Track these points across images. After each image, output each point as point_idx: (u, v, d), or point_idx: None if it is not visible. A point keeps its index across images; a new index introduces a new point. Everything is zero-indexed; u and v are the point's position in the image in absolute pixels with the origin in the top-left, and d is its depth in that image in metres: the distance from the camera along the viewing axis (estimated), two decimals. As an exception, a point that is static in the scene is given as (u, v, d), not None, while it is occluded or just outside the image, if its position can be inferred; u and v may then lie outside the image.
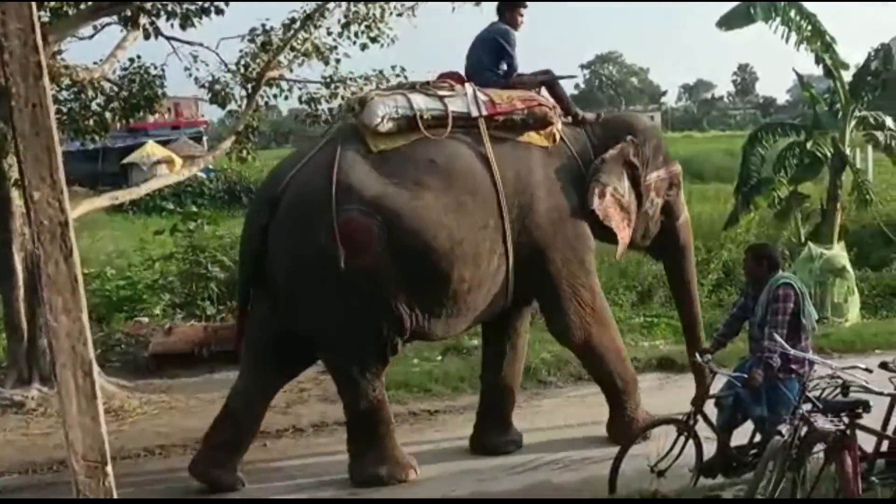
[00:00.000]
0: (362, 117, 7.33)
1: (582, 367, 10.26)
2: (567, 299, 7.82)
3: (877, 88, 14.05)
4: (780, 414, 6.19)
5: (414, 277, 7.16)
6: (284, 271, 7.19)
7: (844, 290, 13.68)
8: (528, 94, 7.85)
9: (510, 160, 7.56)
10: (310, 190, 7.10)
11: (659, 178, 8.37)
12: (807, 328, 6.61)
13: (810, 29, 14.14)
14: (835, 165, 14.38)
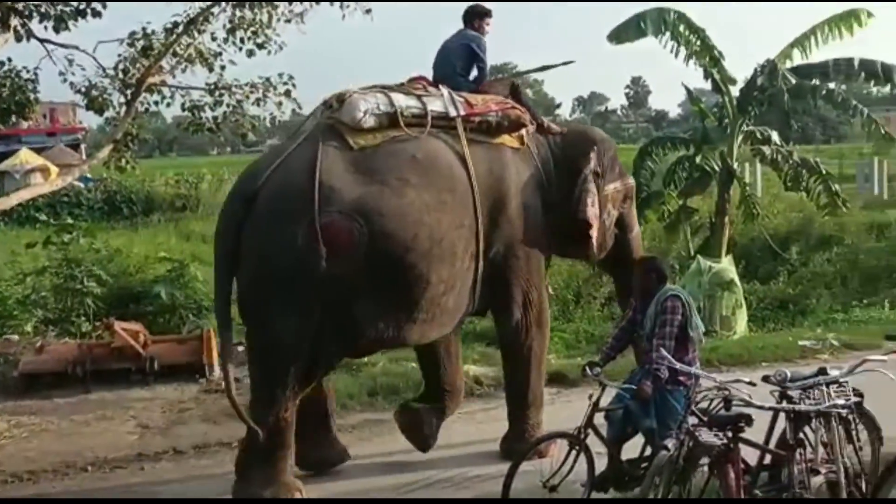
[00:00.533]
0: (342, 114, 7.31)
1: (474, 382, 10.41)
2: (520, 299, 7.96)
3: (763, 104, 14.58)
4: (669, 426, 6.29)
5: (391, 281, 7.07)
6: (253, 271, 6.97)
7: (732, 303, 14.10)
8: (500, 98, 8.05)
9: (484, 160, 7.67)
10: (290, 188, 6.94)
11: (615, 190, 8.55)
12: (694, 340, 6.77)
13: (699, 44, 14.62)
14: (723, 179, 14.86)
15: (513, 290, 7.92)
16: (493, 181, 7.65)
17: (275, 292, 6.86)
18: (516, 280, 7.90)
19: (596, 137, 8.58)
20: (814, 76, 14.69)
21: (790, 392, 6.06)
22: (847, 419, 6.12)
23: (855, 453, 6.19)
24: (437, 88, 7.86)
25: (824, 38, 14.62)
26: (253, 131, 12.62)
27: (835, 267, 19.93)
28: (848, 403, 6.05)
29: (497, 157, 7.80)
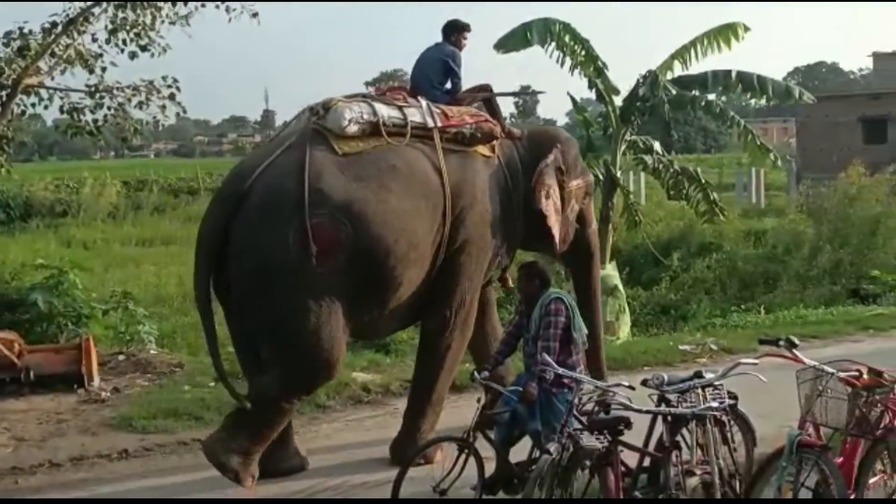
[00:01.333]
0: (327, 121, 7.64)
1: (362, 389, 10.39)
2: (455, 299, 8.18)
3: (645, 114, 14.93)
4: (555, 428, 6.39)
5: (371, 280, 7.47)
6: (246, 270, 7.29)
7: (616, 309, 14.36)
8: (474, 111, 8.50)
9: (457, 169, 8.07)
10: (280, 190, 7.25)
11: (577, 186, 8.98)
12: (577, 342, 6.93)
13: (584, 54, 14.88)
14: (607, 188, 15.15)
15: (452, 289, 8.15)
16: (463, 189, 8.05)
17: (267, 286, 7.18)
18: (458, 280, 8.14)
19: (559, 137, 9.09)
20: (694, 87, 15.11)
21: (668, 395, 6.23)
22: (722, 421, 6.33)
23: (730, 454, 6.41)
24: (415, 99, 8.25)
25: (703, 51, 15.05)
26: (136, 135, 12.36)
27: (714, 273, 20.53)
28: (723, 406, 6.26)
29: (469, 165, 8.21)
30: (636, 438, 6.25)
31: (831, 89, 51.50)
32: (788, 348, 6.11)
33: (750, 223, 26.22)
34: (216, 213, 7.55)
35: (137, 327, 12.55)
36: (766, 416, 7.41)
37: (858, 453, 5.91)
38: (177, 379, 11.02)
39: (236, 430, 7.42)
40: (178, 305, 17.99)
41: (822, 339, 13.25)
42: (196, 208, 37.64)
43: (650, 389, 6.32)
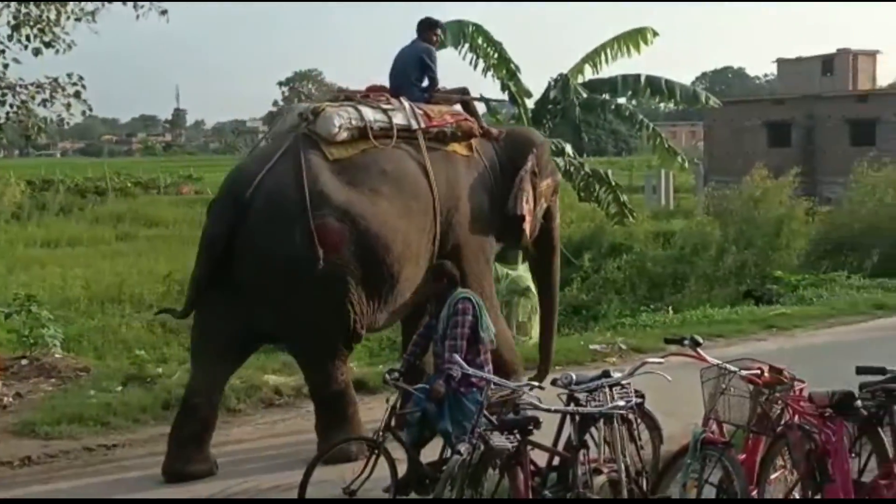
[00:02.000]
0: (317, 127, 8.06)
1: (274, 393, 10.29)
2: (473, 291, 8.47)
3: (556, 116, 15.11)
4: (465, 426, 6.44)
5: (371, 275, 7.94)
6: (258, 271, 7.68)
7: (528, 309, 14.45)
8: (454, 110, 9.01)
9: (441, 168, 8.55)
10: (283, 195, 7.69)
11: (547, 186, 9.53)
12: (485, 341, 6.96)
13: (497, 56, 15.00)
14: (519, 189, 15.26)
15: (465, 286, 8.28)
16: (449, 188, 8.56)
17: (277, 284, 7.62)
18: (466, 276, 8.38)
19: (535, 140, 9.66)
20: (604, 91, 15.38)
21: (577, 395, 6.31)
22: (629, 419, 6.43)
23: (636, 452, 6.51)
24: (397, 100, 8.64)
25: (614, 55, 15.32)
26: (40, 133, 12.03)
27: (624, 274, 20.86)
28: (630, 404, 6.36)
29: (451, 164, 8.70)
30: (546, 437, 6.32)
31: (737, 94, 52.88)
32: (693, 347, 6.24)
33: (659, 225, 26.73)
34: (220, 218, 7.86)
35: (41, 331, 12.20)
36: (673, 413, 7.55)
37: (760, 450, 6.06)
38: (82, 384, 10.76)
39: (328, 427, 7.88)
40: (85, 308, 17.62)
41: (727, 339, 13.55)
42: (105, 209, 37.00)
43: (559, 389, 6.38)
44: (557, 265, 10.07)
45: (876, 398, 5.80)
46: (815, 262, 21.60)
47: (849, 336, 13.83)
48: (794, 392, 6.03)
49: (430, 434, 6.94)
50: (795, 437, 5.83)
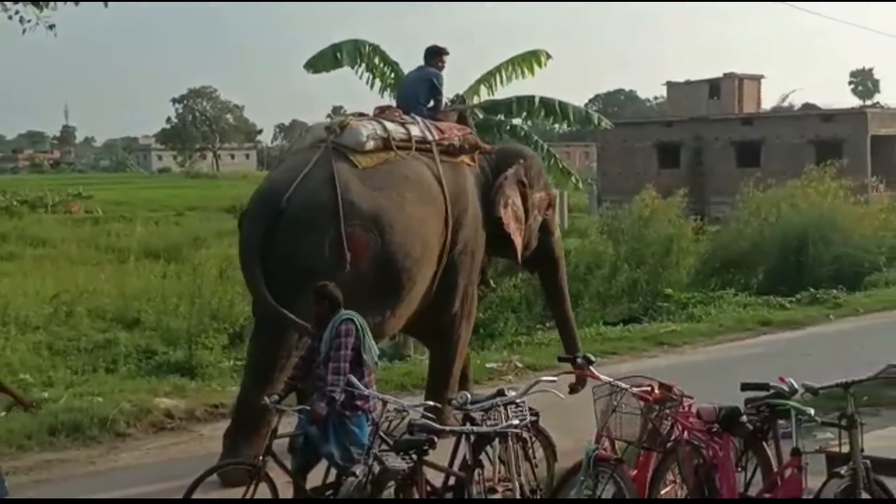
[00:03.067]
0: (345, 138, 8.64)
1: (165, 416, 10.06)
2: (461, 296, 9.37)
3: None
4: (349, 450, 6.42)
5: (391, 281, 8.50)
6: (287, 275, 8.06)
7: (426, 329, 14.46)
8: (460, 125, 9.68)
9: (452, 178, 9.16)
10: (316, 202, 8.21)
11: (540, 198, 10.02)
12: (368, 364, 6.85)
13: (393, 76, 15.01)
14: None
15: (457, 285, 9.28)
16: (458, 195, 9.16)
17: (305, 289, 7.52)
18: (461, 277, 9.28)
19: (524, 154, 10.34)
20: (499, 112, 15.50)
21: (472, 414, 6.32)
22: (524, 437, 6.47)
23: (531, 469, 6.56)
24: (410, 117, 9.30)
25: (508, 77, 15.47)
26: None
27: (520, 292, 20.97)
28: (524, 423, 6.40)
29: (460, 174, 9.32)
30: (443, 457, 6.31)
31: (629, 116, 54.00)
32: (586, 365, 6.33)
33: (555, 244, 26.94)
34: (257, 224, 8.29)
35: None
36: (566, 430, 7.63)
37: (651, 465, 6.17)
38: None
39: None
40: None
41: (619, 356, 13.81)
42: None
43: (456, 410, 6.38)
44: (563, 277, 10.52)
45: (760, 413, 5.97)
46: (703, 279, 22.14)
47: (736, 352, 14.23)
48: (683, 408, 6.17)
49: (316, 458, 6.83)
50: (684, 452, 5.96)
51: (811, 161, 31.56)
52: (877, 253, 22.58)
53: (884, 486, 5.48)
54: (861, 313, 17.41)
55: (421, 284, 8.83)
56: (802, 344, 14.53)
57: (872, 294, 19.40)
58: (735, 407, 5.85)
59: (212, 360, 13.44)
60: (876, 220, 23.81)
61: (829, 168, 24.99)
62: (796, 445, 5.48)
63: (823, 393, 5.92)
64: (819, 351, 13.61)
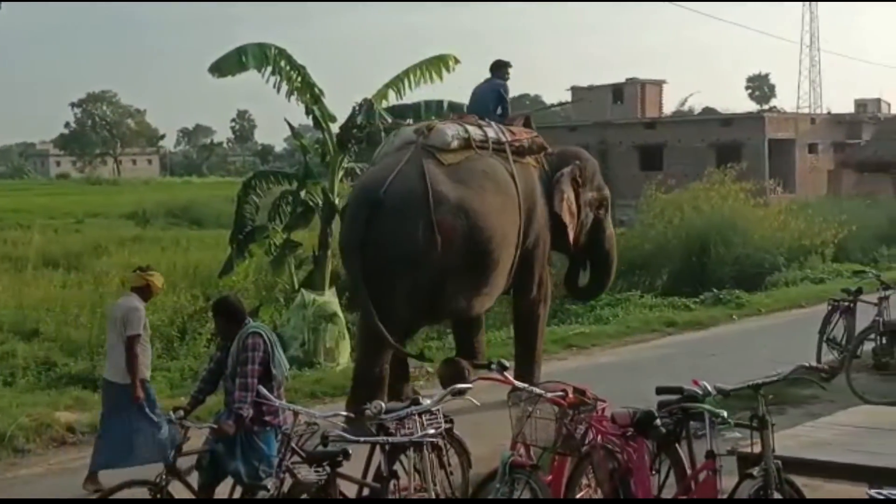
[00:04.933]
0: (432, 139, 10.00)
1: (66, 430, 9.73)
2: (538, 281, 10.73)
3: (362, 141, 14.98)
4: (256, 467, 6.28)
5: (477, 264, 9.75)
6: (388, 255, 9.39)
7: (336, 335, 14.28)
8: (527, 129, 10.91)
9: (522, 175, 10.37)
10: (410, 194, 9.51)
11: (592, 198, 11.27)
12: (277, 378, 6.67)
13: (300, 80, 14.79)
14: (325, 214, 15.09)
15: (534, 272, 10.64)
16: (528, 191, 10.38)
17: (401, 271, 9.38)
18: (537, 265, 10.64)
19: (580, 155, 11.40)
20: (408, 116, 15.35)
21: (386, 424, 6.21)
22: (439, 446, 6.38)
23: (446, 478, 6.47)
24: (484, 121, 10.54)
25: (417, 81, 15.35)
26: None
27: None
28: (439, 431, 6.31)
29: (529, 173, 10.54)
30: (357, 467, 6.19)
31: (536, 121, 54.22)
32: (500, 371, 6.28)
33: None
34: (359, 214, 9.65)
35: None
36: (481, 435, 7.59)
37: (566, 470, 6.15)
38: None
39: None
40: None
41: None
42: None
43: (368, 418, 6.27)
44: (611, 272, 12.08)
45: (673, 416, 5.99)
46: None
47: (643, 353, 14.41)
48: (598, 412, 6.17)
49: (222, 475, 6.63)
50: (599, 456, 5.96)
51: (712, 164, 32.32)
52: (776, 254, 23.14)
53: (795, 486, 5.54)
54: (763, 313, 17.80)
55: (502, 267, 10.01)
56: (707, 344, 14.80)
57: (773, 294, 19.86)
58: (649, 411, 5.86)
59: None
60: (775, 221, 24.39)
61: (730, 171, 25.57)
62: (711, 448, 5.51)
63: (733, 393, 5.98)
64: (724, 351, 13.87)
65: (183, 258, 22.52)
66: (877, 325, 10.86)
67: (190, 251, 24.91)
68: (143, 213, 43.14)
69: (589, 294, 13.23)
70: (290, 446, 5.94)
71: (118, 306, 8.56)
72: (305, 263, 16.09)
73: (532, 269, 10.57)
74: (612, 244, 11.87)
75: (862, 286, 11.90)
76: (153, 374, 13.45)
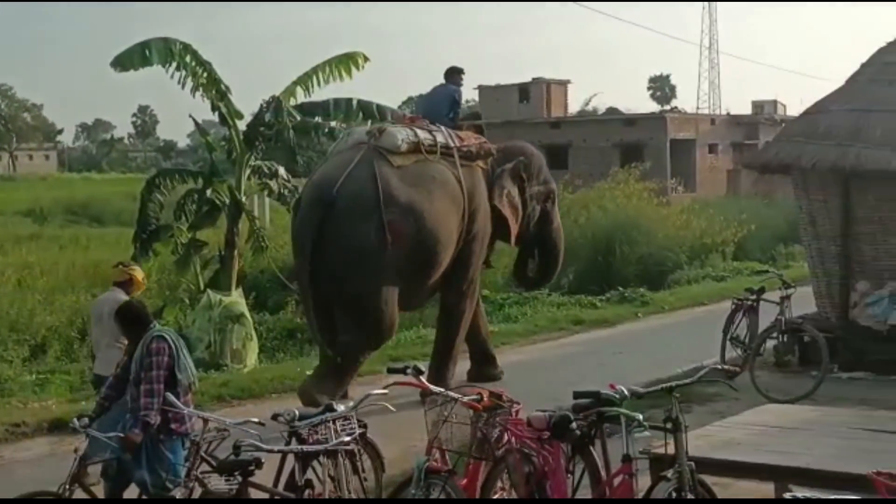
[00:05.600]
0: (383, 141, 10.40)
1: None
2: (467, 276, 11.21)
3: (269, 139, 14.78)
4: (162, 476, 6.13)
5: (423, 262, 10.42)
6: (340, 255, 10.03)
7: (243, 336, 14.06)
8: (475, 135, 11.43)
9: (468, 178, 10.90)
10: (362, 196, 10.05)
11: (538, 192, 11.87)
12: (183, 383, 6.50)
13: (206, 76, 14.49)
14: (232, 213, 14.84)
15: (468, 269, 11.15)
16: (473, 194, 10.93)
17: (355, 269, 10.01)
18: (470, 262, 11.15)
19: (525, 151, 12.00)
20: (317, 114, 15.20)
21: (300, 431, 6.08)
22: (353, 451, 6.27)
23: (360, 484, 6.37)
24: (434, 125, 10.98)
25: (325, 78, 15.19)
26: None
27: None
28: (353, 437, 6.20)
29: (475, 176, 11.08)
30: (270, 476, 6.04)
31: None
32: (416, 376, 6.20)
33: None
34: (312, 213, 10.19)
35: None
36: (393, 436, 7.52)
37: (480, 474, 6.10)
38: None
39: (324, 377, 10.24)
40: None
41: (441, 358, 13.68)
42: None
43: (282, 425, 6.12)
44: (558, 262, 12.69)
45: (588, 419, 5.98)
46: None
47: (552, 351, 14.53)
48: (512, 414, 6.12)
49: (127, 484, 6.44)
50: (515, 460, 5.92)
51: (616, 163, 32.78)
52: (678, 252, 23.60)
53: (707, 487, 5.60)
54: (666, 310, 18.10)
55: (444, 265, 10.67)
56: (614, 342, 14.99)
57: (676, 292, 20.22)
58: (565, 414, 5.83)
59: (11, 375, 12.62)
60: (677, 220, 24.88)
61: (633, 170, 25.96)
62: (627, 452, 5.51)
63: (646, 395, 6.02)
64: (630, 349, 14.06)
65: (83, 256, 21.95)
66: (779, 323, 11.12)
67: (90, 249, 24.30)
68: (40, 210, 41.80)
69: (537, 283, 13.85)
70: (199, 455, 5.78)
71: (104, 301, 8.61)
72: (211, 263, 15.80)
73: (466, 266, 11.05)
74: (559, 235, 12.50)
75: (764, 286, 12.15)
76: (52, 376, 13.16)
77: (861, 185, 11.47)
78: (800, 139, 11.95)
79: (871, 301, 11.41)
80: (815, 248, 12.13)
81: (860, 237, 11.64)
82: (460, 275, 11.06)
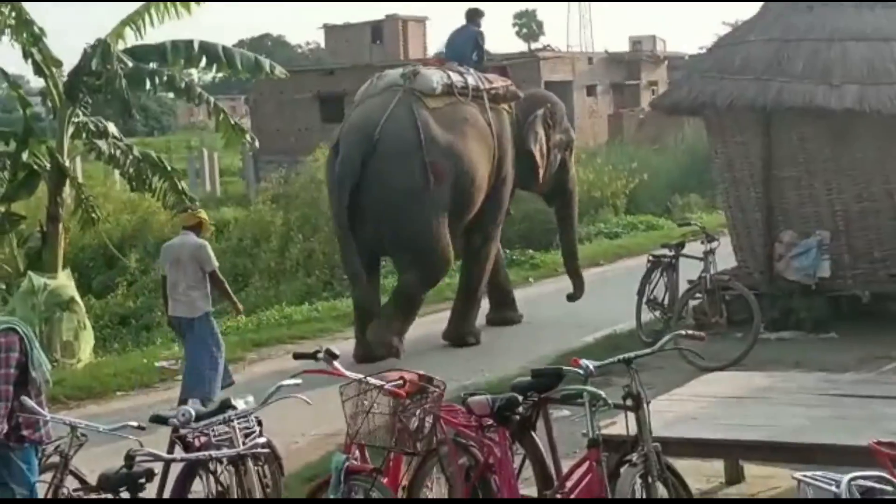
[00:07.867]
0: (418, 84, 12.08)
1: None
2: (497, 220, 13.10)
3: (97, 90, 14.08)
4: (12, 490, 5.90)
5: (462, 200, 12.10)
6: (387, 196, 11.59)
7: (75, 325, 13.59)
8: (502, 78, 13.29)
9: (496, 121, 12.66)
10: (404, 137, 11.69)
11: (560, 139, 13.60)
12: (38, 381, 6.18)
13: (14, 16, 13.71)
14: (53, 180, 14.14)
15: (496, 212, 12.96)
16: (501, 137, 12.65)
17: (405, 209, 11.56)
18: (497, 205, 12.92)
19: (550, 98, 13.97)
20: (152, 59, 14.55)
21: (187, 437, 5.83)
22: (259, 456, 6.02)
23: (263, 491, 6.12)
24: (463, 68, 12.72)
25: (160, 17, 14.56)
26: None
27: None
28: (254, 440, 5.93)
29: (502, 119, 12.87)
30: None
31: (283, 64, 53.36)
32: (329, 361, 5.96)
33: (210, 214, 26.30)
34: (353, 153, 11.67)
35: None
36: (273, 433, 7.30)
37: (402, 469, 5.95)
38: None
39: (392, 318, 11.88)
40: None
41: (311, 340, 13.43)
42: None
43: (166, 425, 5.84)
44: (575, 210, 14.55)
45: (528, 400, 5.85)
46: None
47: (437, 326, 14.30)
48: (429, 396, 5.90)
49: None
50: (449, 452, 5.78)
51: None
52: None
53: (675, 472, 5.47)
54: (560, 273, 18.15)
55: (477, 207, 12.33)
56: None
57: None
58: (513, 397, 5.68)
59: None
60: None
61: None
62: (593, 436, 5.37)
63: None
64: (529, 318, 14.10)
65: None
66: (704, 281, 11.12)
67: None
68: None
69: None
70: (67, 469, 5.46)
71: (180, 245, 10.16)
72: (31, 240, 15.09)
73: (495, 209, 12.84)
74: (574, 184, 14.40)
75: (684, 240, 12.31)
76: None
77: (783, 124, 11.71)
78: (713, 74, 12.12)
79: (798, 252, 11.61)
80: (734, 195, 12.37)
81: (783, 182, 11.90)
82: (489, 217, 12.76)
